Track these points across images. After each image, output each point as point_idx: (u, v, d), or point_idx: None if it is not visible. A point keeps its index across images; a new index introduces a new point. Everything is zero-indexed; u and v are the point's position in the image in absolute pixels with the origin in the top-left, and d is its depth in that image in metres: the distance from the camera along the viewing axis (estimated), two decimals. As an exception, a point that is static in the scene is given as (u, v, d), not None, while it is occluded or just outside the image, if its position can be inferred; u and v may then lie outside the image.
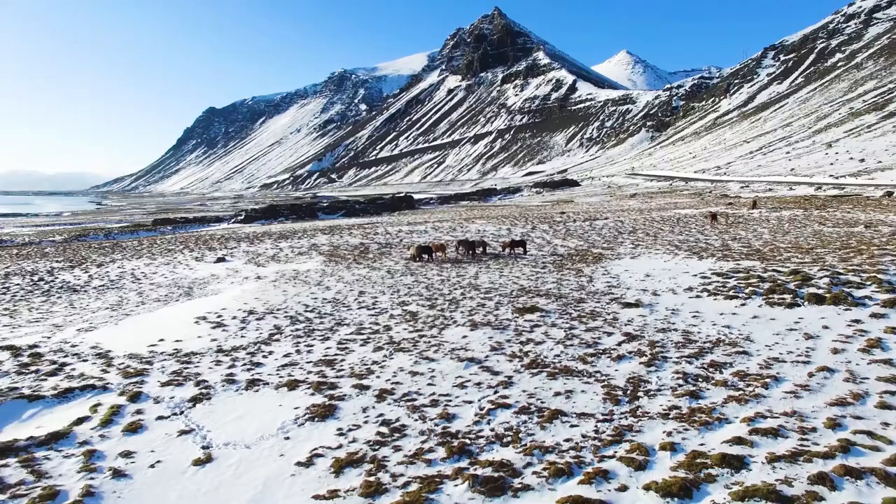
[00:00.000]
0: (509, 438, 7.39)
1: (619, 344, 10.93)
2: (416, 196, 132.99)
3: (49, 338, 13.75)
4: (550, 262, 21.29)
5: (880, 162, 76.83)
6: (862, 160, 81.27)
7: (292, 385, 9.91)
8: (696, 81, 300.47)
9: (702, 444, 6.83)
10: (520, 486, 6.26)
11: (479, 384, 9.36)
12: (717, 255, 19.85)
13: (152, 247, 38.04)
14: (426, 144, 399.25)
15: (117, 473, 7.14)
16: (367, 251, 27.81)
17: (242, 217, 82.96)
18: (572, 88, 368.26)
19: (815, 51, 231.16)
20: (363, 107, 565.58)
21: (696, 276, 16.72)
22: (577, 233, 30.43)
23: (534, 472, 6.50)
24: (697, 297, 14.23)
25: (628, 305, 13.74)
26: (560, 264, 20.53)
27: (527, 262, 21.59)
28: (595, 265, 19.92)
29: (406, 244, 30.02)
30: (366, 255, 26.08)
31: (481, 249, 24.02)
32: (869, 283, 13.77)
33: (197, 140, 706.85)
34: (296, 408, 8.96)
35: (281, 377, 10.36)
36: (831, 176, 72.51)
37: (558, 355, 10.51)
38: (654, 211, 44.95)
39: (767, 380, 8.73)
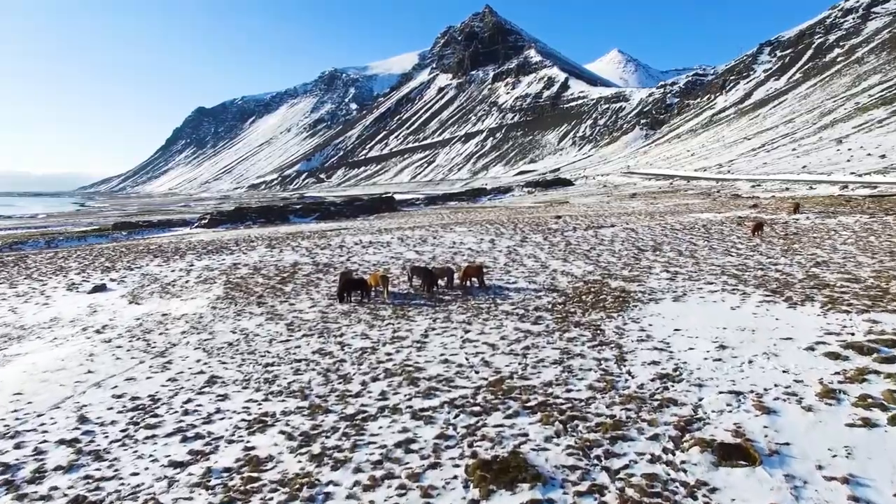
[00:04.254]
0: None
1: None
2: (402, 196, 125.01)
3: None
4: (547, 306, 13.62)
5: (905, 158, 70.07)
6: (883, 156, 74.50)
7: None
8: (690, 78, 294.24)
9: None
10: None
11: None
12: (819, 299, 12.28)
13: (51, 262, 30.11)
14: (416, 143, 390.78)
15: None
16: (292, 277, 20.04)
17: (206, 221, 74.93)
18: (564, 86, 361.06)
19: (813, 46, 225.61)
20: (354, 106, 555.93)
21: (813, 349, 9.17)
22: (582, 248, 22.83)
23: None
24: (865, 423, 6.64)
25: (727, 458, 6.11)
26: (563, 312, 12.87)
27: (512, 305, 13.92)
28: (620, 315, 12.30)
29: (354, 264, 22.40)
30: (283, 287, 18.30)
31: (445, 281, 16.34)
32: None
33: (186, 140, 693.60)
34: None
35: None
36: (853, 173, 65.59)
37: None
38: (668, 215, 37.54)
39: None
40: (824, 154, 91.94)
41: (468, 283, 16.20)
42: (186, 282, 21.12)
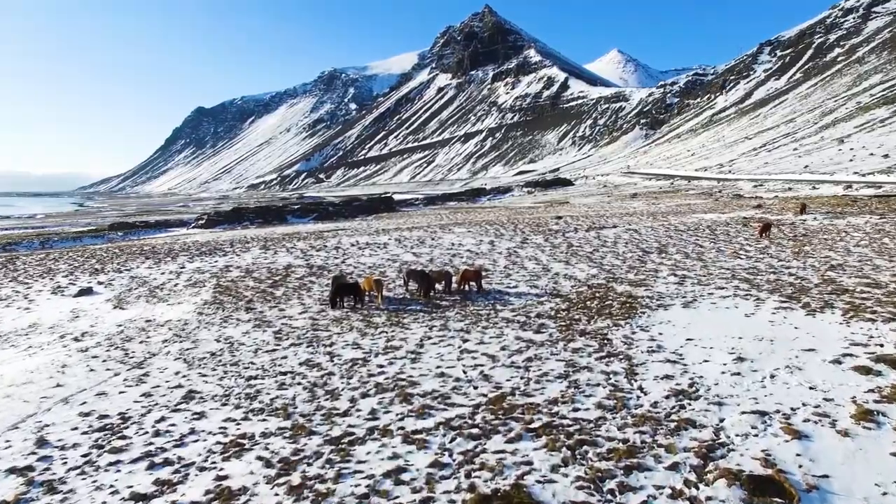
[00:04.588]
0: None
1: None
2: (401, 196, 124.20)
3: None
4: (550, 312, 12.90)
5: (909, 158, 69.39)
6: (886, 156, 73.80)
7: None
8: (690, 78, 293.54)
9: None
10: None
11: None
12: (839, 305, 11.56)
13: (41, 264, 29.41)
14: (415, 143, 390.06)
15: None
16: (284, 280, 19.33)
17: (203, 221, 74.42)
18: (564, 86, 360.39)
19: (813, 46, 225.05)
20: (353, 106, 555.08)
21: (840, 363, 8.46)
22: (585, 250, 22.12)
23: None
24: (911, 452, 5.93)
25: (760, 494, 5.38)
26: (567, 320, 12.15)
27: (512, 311, 13.20)
28: (628, 322, 11.58)
29: (349, 266, 21.69)
30: (274, 291, 17.58)
31: (443, 285, 15.63)
32: None
33: (186, 140, 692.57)
34: None
35: None
36: (856, 173, 64.92)
37: None
38: (670, 216, 36.85)
39: None
40: (826, 154, 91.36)
41: (466, 287, 15.49)
42: (175, 285, 20.41)
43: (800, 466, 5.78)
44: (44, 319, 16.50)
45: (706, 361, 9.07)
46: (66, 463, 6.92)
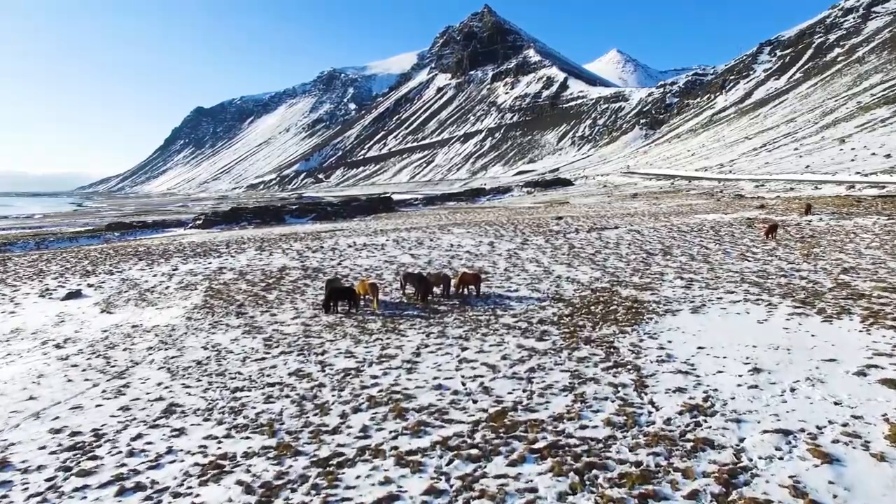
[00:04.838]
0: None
1: None
2: (400, 196, 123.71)
3: None
4: (552, 318, 12.34)
5: (912, 158, 68.93)
6: (888, 156, 73.34)
7: None
8: (689, 78, 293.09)
9: None
10: None
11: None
12: (857, 311, 11.01)
13: (32, 265, 28.81)
14: (415, 144, 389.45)
15: None
16: (278, 283, 18.76)
17: (201, 222, 73.82)
18: (563, 86, 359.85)
19: (813, 46, 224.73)
20: (352, 106, 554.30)
21: (865, 375, 7.91)
22: (587, 252, 21.56)
23: None
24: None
25: (792, 528, 4.85)
26: (571, 326, 11.58)
27: (513, 317, 12.63)
28: (634, 329, 11.02)
29: (345, 268, 21.12)
30: (267, 294, 17.01)
31: (440, 289, 15.05)
32: None
33: (185, 140, 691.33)
34: None
35: None
36: (858, 173, 64.45)
37: None
38: (672, 216, 36.30)
39: None
40: (827, 154, 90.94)
41: (465, 290, 14.93)
42: (167, 288, 19.84)
43: (834, 497, 5.23)
44: (28, 324, 15.93)
45: (720, 372, 8.51)
46: (27, 489, 6.35)
